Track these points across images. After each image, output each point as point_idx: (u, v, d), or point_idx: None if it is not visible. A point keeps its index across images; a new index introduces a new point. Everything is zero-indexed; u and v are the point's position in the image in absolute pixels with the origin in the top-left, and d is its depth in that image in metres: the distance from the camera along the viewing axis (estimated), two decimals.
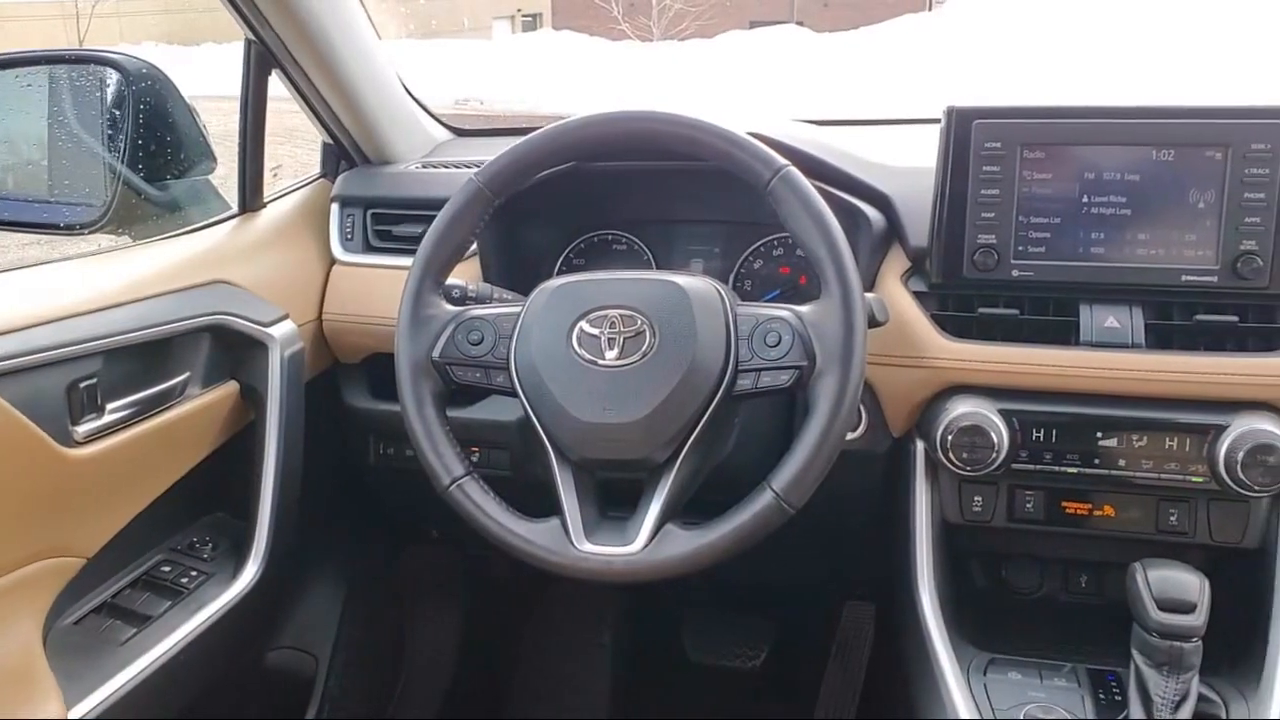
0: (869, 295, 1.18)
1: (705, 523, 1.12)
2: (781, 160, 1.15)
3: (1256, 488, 1.19)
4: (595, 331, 1.15)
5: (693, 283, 1.18)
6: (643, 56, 11.56)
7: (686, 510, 1.17)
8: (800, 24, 13.88)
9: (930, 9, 14.87)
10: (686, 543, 1.11)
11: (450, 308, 1.23)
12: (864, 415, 1.38)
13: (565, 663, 2.11)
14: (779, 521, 1.10)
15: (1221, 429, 1.21)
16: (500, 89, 9.35)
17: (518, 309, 1.21)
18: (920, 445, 1.35)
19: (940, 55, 8.68)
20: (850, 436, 1.37)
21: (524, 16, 19.91)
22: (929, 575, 1.31)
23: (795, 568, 1.79)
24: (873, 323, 1.18)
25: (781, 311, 1.15)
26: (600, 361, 1.14)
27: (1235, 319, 1.25)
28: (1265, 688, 1.17)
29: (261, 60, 1.47)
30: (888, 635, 1.82)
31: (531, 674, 2.12)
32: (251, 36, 1.44)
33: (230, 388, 1.43)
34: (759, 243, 1.55)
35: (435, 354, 1.20)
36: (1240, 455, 1.19)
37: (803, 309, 1.15)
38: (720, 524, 1.11)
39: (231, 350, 1.43)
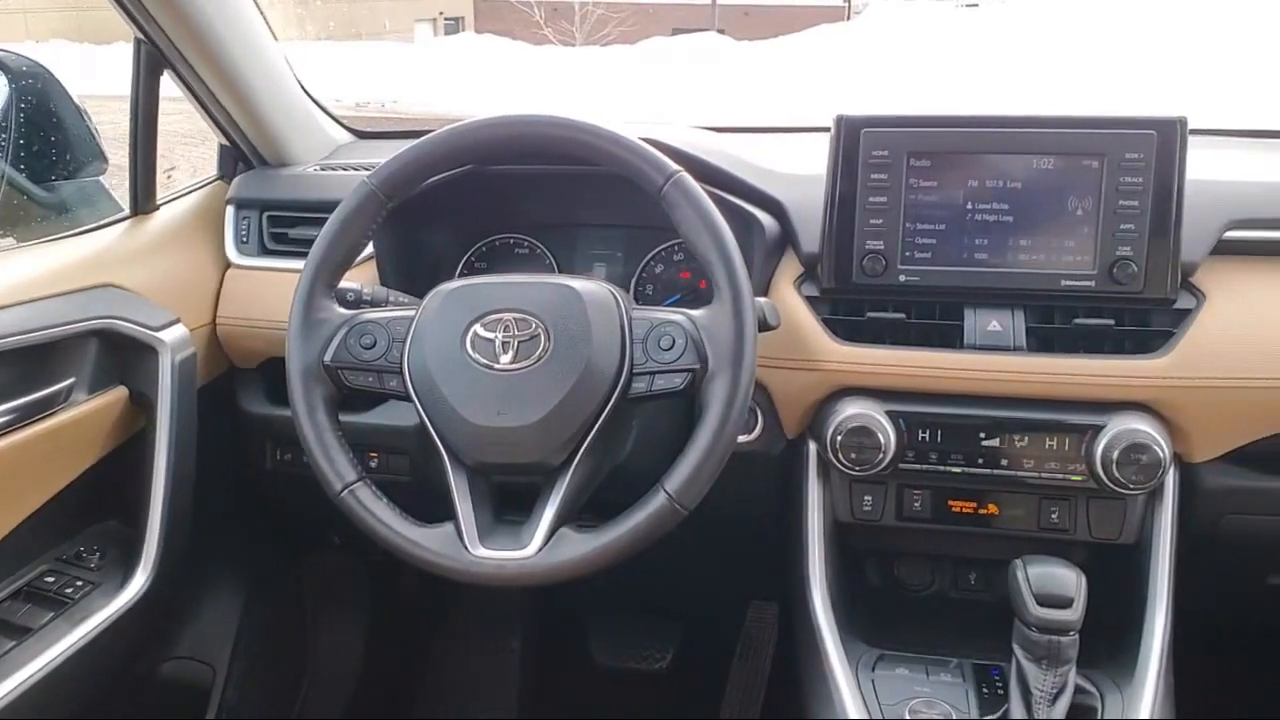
0: (761, 300, 1.20)
1: (600, 526, 1.12)
2: (674, 166, 1.16)
3: (1131, 485, 1.23)
4: (489, 335, 1.16)
5: (587, 286, 1.19)
6: (564, 60, 11.55)
7: (587, 512, 1.18)
8: (721, 31, 13.99)
9: (848, 19, 15.11)
10: (580, 545, 1.11)
11: (343, 311, 1.22)
12: (759, 418, 1.40)
13: (473, 667, 2.10)
14: (673, 523, 1.11)
15: (1098, 429, 1.26)
16: (419, 91, 9.27)
17: (412, 312, 1.20)
18: (813, 446, 1.37)
19: (854, 64, 8.83)
20: (746, 439, 1.39)
21: (446, 19, 19.79)
22: (820, 574, 1.33)
23: (699, 569, 1.80)
24: (764, 326, 1.20)
25: (675, 315, 1.17)
26: (495, 365, 1.14)
27: (1112, 322, 1.29)
28: (1139, 680, 1.21)
29: (151, 60, 1.44)
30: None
31: (439, 679, 2.10)
32: (140, 36, 1.42)
33: (119, 393, 1.40)
34: (660, 248, 1.56)
35: (327, 358, 1.19)
36: (1115, 454, 1.23)
37: (695, 313, 1.16)
38: (614, 526, 1.11)
39: (120, 355, 1.40)
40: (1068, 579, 1.14)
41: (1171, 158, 1.24)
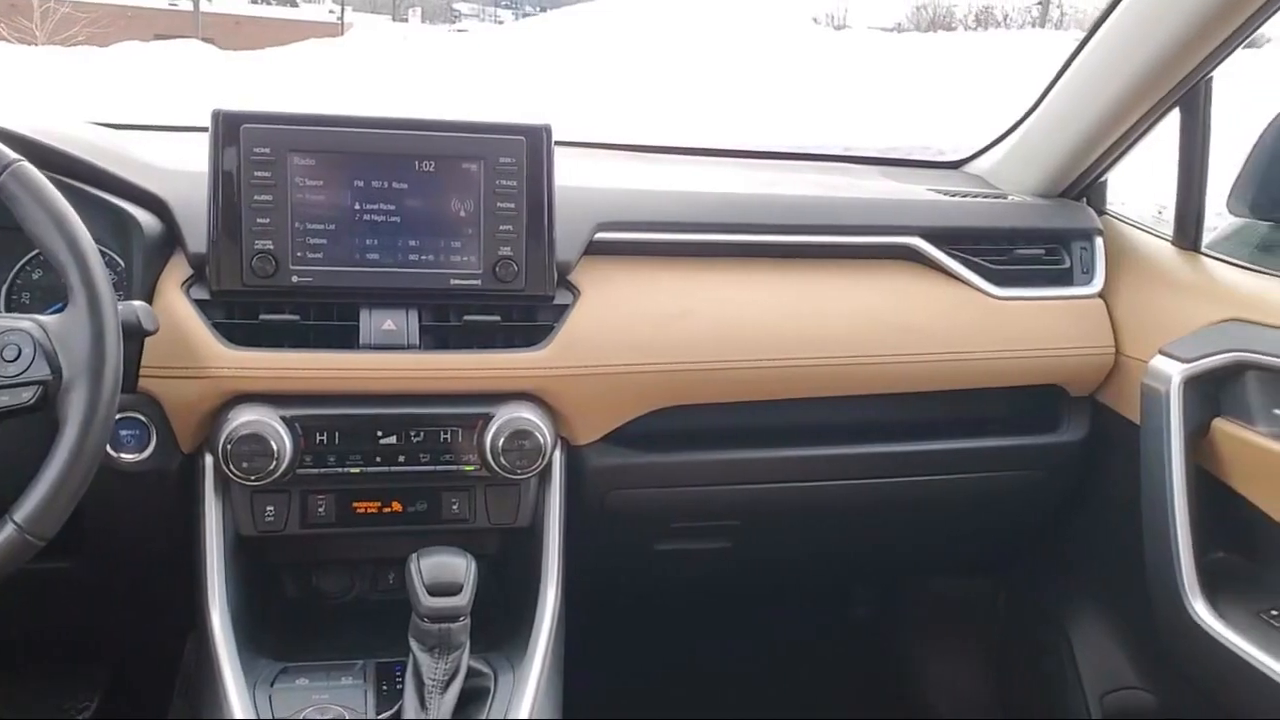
0: (134, 303, 1.12)
1: None
2: (12, 155, 1.05)
3: (518, 470, 1.30)
4: None
5: None
6: (17, 60, 10.31)
7: None
8: (208, 40, 13.29)
9: (342, 34, 15.01)
10: None
11: None
12: (152, 433, 1.30)
13: None
14: (26, 555, 1.01)
15: (488, 419, 1.31)
16: None
17: None
18: (210, 459, 1.30)
19: (342, 77, 8.80)
20: (136, 458, 1.29)
21: None
22: (220, 593, 1.27)
23: (116, 604, 1.65)
24: (138, 332, 1.12)
25: (22, 322, 1.06)
26: None
27: (499, 318, 1.35)
28: (529, 654, 1.28)
29: None
30: None
31: None
32: None
33: None
34: (38, 250, 1.40)
35: None
36: (502, 441, 1.29)
37: (47, 319, 1.06)
38: None
39: None
40: (457, 566, 1.18)
41: (540, 163, 1.33)
